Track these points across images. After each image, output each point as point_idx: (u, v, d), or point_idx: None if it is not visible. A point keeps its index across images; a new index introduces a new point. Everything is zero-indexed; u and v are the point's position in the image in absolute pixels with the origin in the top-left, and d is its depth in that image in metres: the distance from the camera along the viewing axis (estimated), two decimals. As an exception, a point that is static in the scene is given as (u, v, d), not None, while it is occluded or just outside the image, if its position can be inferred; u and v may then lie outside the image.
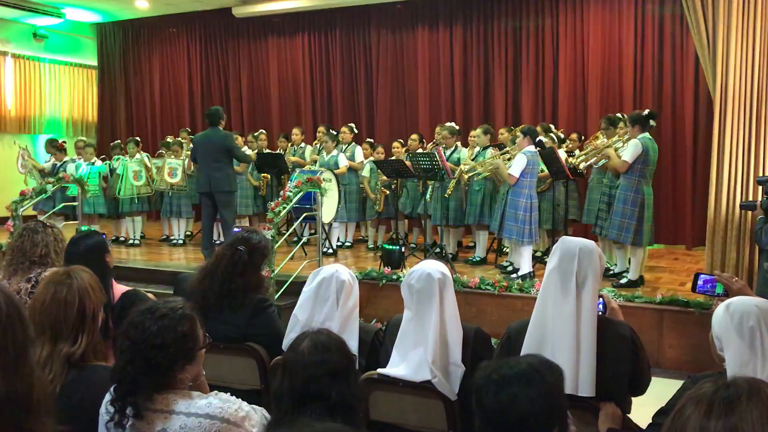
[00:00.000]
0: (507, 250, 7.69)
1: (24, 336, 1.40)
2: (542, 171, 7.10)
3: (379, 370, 2.78)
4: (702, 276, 2.77)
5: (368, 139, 9.65)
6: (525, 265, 6.75)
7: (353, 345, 2.86)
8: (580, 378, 2.41)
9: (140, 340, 1.96)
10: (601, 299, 2.73)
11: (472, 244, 8.59)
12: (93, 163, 9.35)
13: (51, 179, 8.41)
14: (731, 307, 2.14)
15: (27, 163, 9.77)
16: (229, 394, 2.02)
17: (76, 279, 2.29)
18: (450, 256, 7.79)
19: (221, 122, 7.72)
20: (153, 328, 1.97)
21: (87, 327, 2.26)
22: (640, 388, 2.59)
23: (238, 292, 3.16)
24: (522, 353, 2.52)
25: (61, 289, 2.26)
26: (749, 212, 5.28)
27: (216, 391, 2.05)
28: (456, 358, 2.69)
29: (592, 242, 2.58)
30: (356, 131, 9.43)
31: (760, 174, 5.25)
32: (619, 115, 7.47)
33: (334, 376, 1.84)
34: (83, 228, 8.17)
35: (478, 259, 7.84)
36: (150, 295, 3.34)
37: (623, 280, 6.45)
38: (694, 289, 2.78)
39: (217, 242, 8.10)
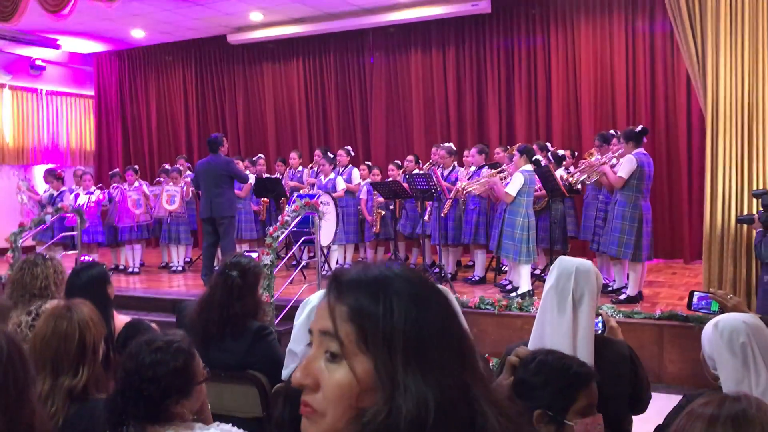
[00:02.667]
0: (506, 269, 7.71)
1: (25, 375, 1.42)
2: (537, 190, 7.14)
3: None
4: (697, 294, 2.79)
5: (366, 162, 9.70)
6: (524, 284, 6.77)
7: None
8: (578, 397, 2.42)
9: (133, 371, 1.97)
10: (599, 318, 2.74)
11: (471, 263, 8.62)
12: (91, 192, 9.40)
13: (49, 210, 8.43)
14: (720, 326, 2.16)
15: (24, 195, 9.81)
16: (231, 424, 2.03)
17: (76, 312, 2.31)
18: (449, 275, 7.80)
19: (221, 149, 7.82)
20: (147, 361, 1.98)
21: (88, 360, 2.28)
22: (641, 407, 2.59)
23: (238, 317, 3.18)
24: (521, 374, 2.53)
25: (62, 323, 2.27)
26: (745, 226, 5.31)
27: (218, 423, 2.06)
28: None
29: (589, 262, 2.60)
30: (353, 154, 9.49)
31: (754, 187, 5.29)
32: (612, 131, 7.53)
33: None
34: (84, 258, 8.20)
35: (477, 278, 7.85)
36: (153, 325, 3.35)
37: (622, 296, 6.46)
38: (689, 306, 2.80)
39: (217, 268, 8.11)
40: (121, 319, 3.39)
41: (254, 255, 5.63)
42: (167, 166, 10.09)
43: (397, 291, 0.98)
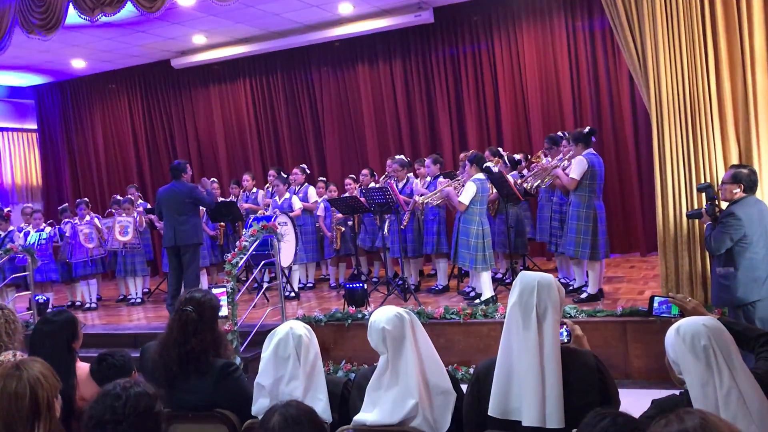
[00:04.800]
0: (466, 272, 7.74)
1: None
2: (491, 193, 7.21)
3: (354, 418, 2.78)
4: (657, 298, 2.84)
5: (322, 178, 9.66)
6: (486, 290, 6.81)
7: (322, 398, 2.84)
8: (547, 411, 2.44)
9: (122, 413, 1.94)
10: (564, 326, 2.77)
11: (433, 272, 8.64)
12: (41, 230, 9.16)
13: (-2, 251, 8.19)
14: (681, 330, 2.21)
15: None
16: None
17: (25, 370, 2.25)
18: (412, 287, 7.80)
19: (184, 175, 7.68)
20: (132, 399, 1.99)
21: (42, 417, 2.21)
22: (611, 414, 2.62)
23: (198, 353, 3.11)
24: (492, 392, 2.54)
25: (11, 383, 2.21)
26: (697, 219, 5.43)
27: None
28: (445, 386, 2.73)
29: (550, 275, 2.63)
30: (308, 172, 9.45)
31: (702, 181, 5.41)
32: (560, 133, 7.65)
33: (307, 448, 1.83)
34: (37, 296, 7.97)
35: (440, 287, 7.87)
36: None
37: (583, 295, 6.55)
38: (650, 311, 2.85)
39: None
40: (83, 368, 3.31)
41: (220, 291, 5.56)
42: (118, 197, 9.88)
43: None
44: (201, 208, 8.12)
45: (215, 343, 3.21)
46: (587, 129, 6.56)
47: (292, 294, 8.40)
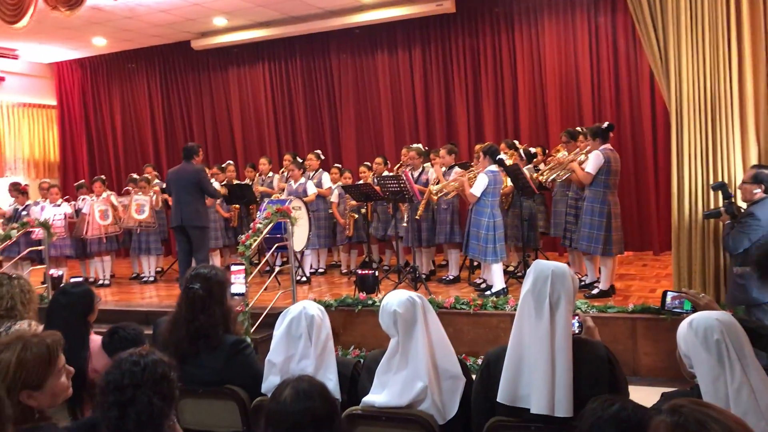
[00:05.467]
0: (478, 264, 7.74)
1: None
2: (505, 186, 7.19)
3: (363, 399, 2.80)
4: (670, 293, 2.84)
5: (336, 165, 9.68)
6: (497, 282, 6.81)
7: (332, 378, 2.87)
8: (556, 399, 2.45)
9: (141, 378, 1.97)
10: (576, 318, 2.78)
11: (444, 263, 8.64)
12: (58, 205, 9.24)
13: (15, 224, 8.26)
14: (694, 324, 2.20)
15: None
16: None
17: (6, 354, 2.22)
18: (424, 276, 7.81)
19: (195, 157, 7.74)
20: (150, 365, 2.02)
21: None
22: (619, 406, 2.62)
23: (207, 329, 3.12)
24: (501, 379, 2.55)
25: None
26: (712, 219, 5.39)
27: None
28: (454, 371, 2.74)
29: (565, 265, 2.63)
30: (323, 158, 9.47)
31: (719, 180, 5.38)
32: (579, 128, 7.62)
33: (318, 423, 1.84)
34: (53, 270, 8.04)
35: (451, 277, 7.88)
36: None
37: (595, 291, 6.54)
38: (662, 306, 2.85)
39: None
40: (96, 341, 3.35)
41: (238, 268, 5.60)
42: (135, 176, 9.95)
43: None
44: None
45: (225, 318, 3.21)
46: (605, 124, 6.52)
47: (304, 278, 8.44)
